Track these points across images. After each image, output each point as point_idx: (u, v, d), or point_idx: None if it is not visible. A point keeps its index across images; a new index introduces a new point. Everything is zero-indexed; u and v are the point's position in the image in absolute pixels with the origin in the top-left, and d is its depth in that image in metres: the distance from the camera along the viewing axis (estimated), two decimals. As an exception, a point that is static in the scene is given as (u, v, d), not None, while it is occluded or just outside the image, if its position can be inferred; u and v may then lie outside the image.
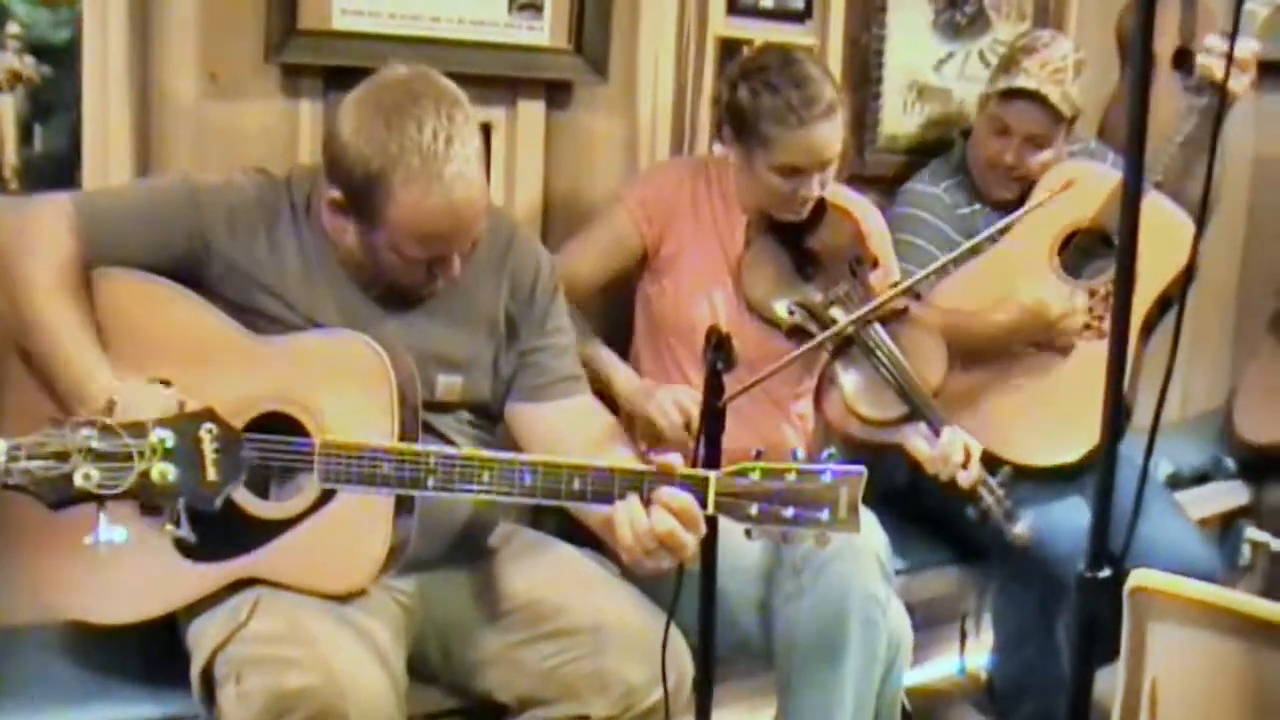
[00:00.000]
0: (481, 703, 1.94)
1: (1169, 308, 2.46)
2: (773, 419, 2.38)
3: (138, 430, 1.55)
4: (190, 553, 1.70)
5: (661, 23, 2.55)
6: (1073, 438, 2.38)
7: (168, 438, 1.56)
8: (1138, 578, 1.60)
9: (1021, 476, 2.21)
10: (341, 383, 1.72)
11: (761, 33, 2.61)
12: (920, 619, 2.35)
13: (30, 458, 1.52)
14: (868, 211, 2.45)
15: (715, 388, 1.63)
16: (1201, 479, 3.13)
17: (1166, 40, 2.97)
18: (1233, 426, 3.20)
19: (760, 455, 1.64)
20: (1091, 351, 2.46)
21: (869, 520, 2.02)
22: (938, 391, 2.21)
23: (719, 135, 2.31)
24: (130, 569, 1.70)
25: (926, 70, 2.94)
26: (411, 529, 1.76)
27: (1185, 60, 2.93)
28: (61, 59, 2.00)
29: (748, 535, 1.65)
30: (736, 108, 2.20)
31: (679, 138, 2.62)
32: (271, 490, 1.75)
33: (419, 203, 1.71)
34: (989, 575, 2.65)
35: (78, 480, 1.52)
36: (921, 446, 2.16)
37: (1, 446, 1.53)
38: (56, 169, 2.02)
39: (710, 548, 1.67)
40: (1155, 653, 1.61)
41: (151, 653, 1.83)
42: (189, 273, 1.80)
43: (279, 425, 1.71)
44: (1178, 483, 3.05)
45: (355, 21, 2.20)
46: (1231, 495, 3.14)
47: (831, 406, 2.42)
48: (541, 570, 1.97)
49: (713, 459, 1.65)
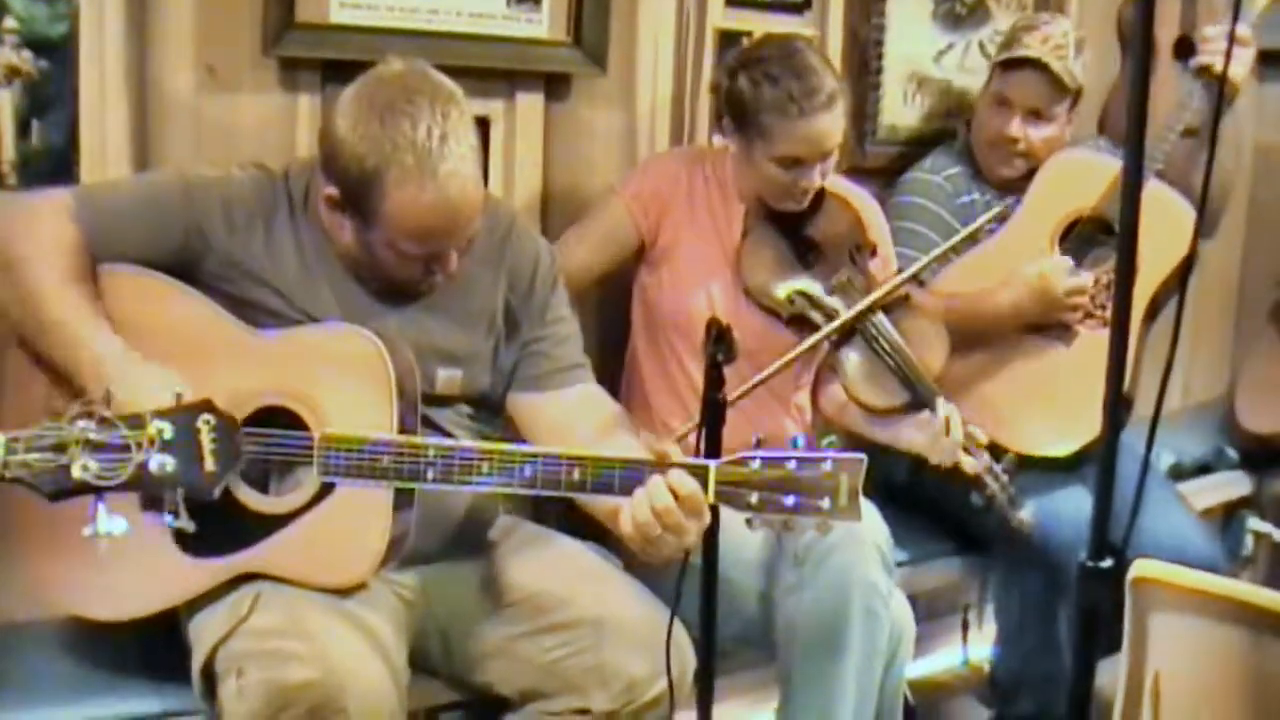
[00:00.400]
0: (483, 696, 1.94)
1: (1172, 296, 2.46)
2: (773, 412, 2.37)
3: (136, 421, 1.55)
4: (191, 548, 1.70)
5: (660, 14, 2.54)
6: (1075, 428, 2.38)
7: (166, 429, 1.56)
8: (1140, 568, 1.60)
9: (1023, 466, 2.21)
10: (340, 376, 1.72)
11: (761, 24, 2.60)
12: (922, 611, 2.35)
13: (28, 450, 1.52)
14: (865, 200, 2.44)
15: (715, 380, 1.62)
16: (1203, 469, 3.13)
17: (1167, 29, 2.96)
18: (1234, 417, 3.20)
19: (760, 443, 1.64)
20: (1093, 340, 2.46)
21: (870, 511, 2.02)
22: (939, 378, 2.21)
23: (718, 125, 2.31)
24: (131, 565, 1.69)
25: (926, 61, 2.93)
26: (411, 522, 1.76)
27: (1186, 49, 2.91)
28: (58, 53, 1.99)
29: (749, 525, 1.65)
30: (736, 98, 2.19)
31: (678, 130, 2.61)
32: (271, 485, 1.75)
33: (414, 201, 1.70)
34: (991, 566, 2.64)
35: (76, 472, 1.52)
36: (918, 440, 2.16)
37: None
38: (54, 164, 2.01)
39: (712, 539, 1.67)
40: (1157, 644, 1.61)
41: (152, 648, 1.83)
42: (186, 267, 1.79)
43: (278, 419, 1.71)
44: (1180, 473, 3.04)
45: (353, 15, 2.19)
46: (1233, 485, 3.14)
47: (829, 400, 2.42)
48: (543, 563, 1.97)
49: (713, 451, 1.64)
